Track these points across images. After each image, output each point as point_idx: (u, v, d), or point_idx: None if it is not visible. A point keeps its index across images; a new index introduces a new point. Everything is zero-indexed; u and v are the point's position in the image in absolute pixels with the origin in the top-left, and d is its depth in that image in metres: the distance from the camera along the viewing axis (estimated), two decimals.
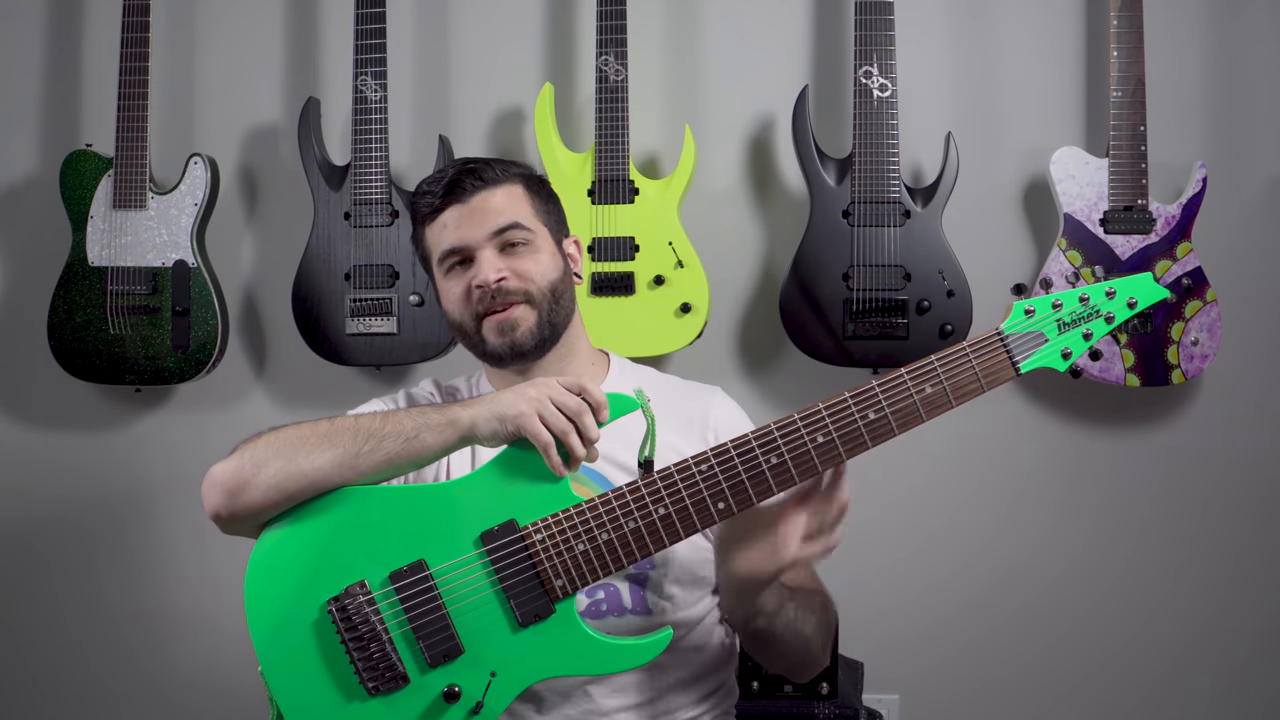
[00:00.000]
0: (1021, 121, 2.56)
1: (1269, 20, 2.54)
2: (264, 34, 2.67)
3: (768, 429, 1.51)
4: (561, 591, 1.50)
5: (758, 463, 1.51)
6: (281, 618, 1.53)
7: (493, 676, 1.50)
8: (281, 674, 1.52)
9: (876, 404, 1.51)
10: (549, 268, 1.72)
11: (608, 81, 2.43)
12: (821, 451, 1.50)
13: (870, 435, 1.51)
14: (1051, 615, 2.57)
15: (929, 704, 2.58)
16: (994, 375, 1.52)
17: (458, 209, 1.70)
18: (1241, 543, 2.56)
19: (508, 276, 1.68)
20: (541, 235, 1.73)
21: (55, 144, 2.68)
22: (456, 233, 1.70)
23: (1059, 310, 1.53)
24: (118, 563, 2.70)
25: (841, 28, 2.55)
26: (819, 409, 1.51)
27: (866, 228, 2.39)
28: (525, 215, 1.72)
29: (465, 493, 1.55)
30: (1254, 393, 2.55)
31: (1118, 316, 1.53)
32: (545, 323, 1.70)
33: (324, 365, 2.51)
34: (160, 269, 2.51)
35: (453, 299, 1.72)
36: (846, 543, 2.52)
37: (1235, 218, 2.52)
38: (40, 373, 2.63)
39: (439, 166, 2.49)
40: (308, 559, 1.54)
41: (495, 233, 1.69)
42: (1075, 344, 1.53)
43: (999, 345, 1.52)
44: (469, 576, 1.51)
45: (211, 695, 2.67)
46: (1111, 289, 1.53)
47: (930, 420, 1.51)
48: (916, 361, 1.52)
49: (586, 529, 1.51)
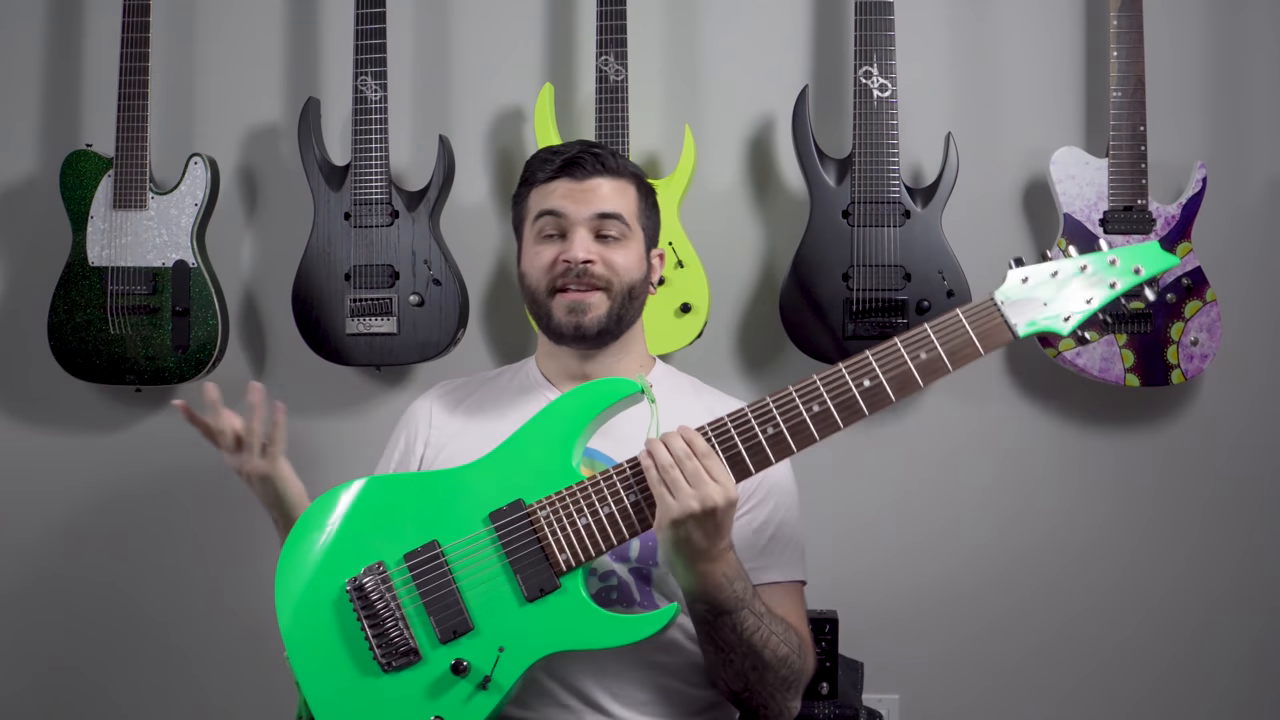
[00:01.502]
0: (1021, 121, 2.56)
1: (1269, 20, 2.54)
2: (264, 34, 2.67)
3: (763, 401, 1.53)
4: (566, 565, 1.54)
5: (754, 434, 1.52)
6: (304, 600, 1.59)
7: (500, 651, 1.53)
8: (303, 654, 1.58)
9: (871, 372, 1.51)
10: (634, 266, 1.76)
11: (608, 81, 2.43)
12: (818, 421, 1.51)
13: (867, 403, 1.51)
14: (1052, 615, 2.57)
15: (929, 704, 2.58)
16: (990, 339, 1.50)
17: (570, 183, 1.75)
18: (1241, 542, 2.56)
19: (596, 260, 1.72)
20: (636, 236, 1.78)
21: (55, 144, 2.68)
22: (562, 201, 1.74)
23: (1058, 278, 1.51)
24: (118, 563, 2.70)
25: (841, 28, 2.55)
26: (813, 380, 1.53)
27: (866, 228, 2.39)
28: (629, 212, 1.77)
29: (476, 476, 1.62)
30: (1254, 393, 2.55)
31: (1123, 284, 1.50)
32: (615, 316, 1.74)
33: (324, 365, 2.51)
34: (160, 269, 2.51)
35: (536, 264, 1.76)
36: (847, 543, 2.55)
37: (1235, 218, 2.52)
38: (40, 373, 2.63)
39: (439, 166, 2.49)
40: (330, 544, 1.61)
41: (598, 216, 1.74)
42: (1077, 308, 1.50)
43: (994, 310, 1.50)
44: (478, 554, 1.56)
45: (212, 694, 2.67)
46: (1114, 257, 1.51)
47: (927, 384, 1.50)
48: (910, 330, 1.52)
49: (589, 503, 1.55)
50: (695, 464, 1.49)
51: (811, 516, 1.76)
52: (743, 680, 1.62)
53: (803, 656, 1.66)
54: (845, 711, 2.17)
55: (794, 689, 1.66)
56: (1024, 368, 2.56)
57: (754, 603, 1.59)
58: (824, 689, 2.17)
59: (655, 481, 1.50)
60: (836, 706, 2.17)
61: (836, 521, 2.54)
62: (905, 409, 2.57)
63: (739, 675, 1.62)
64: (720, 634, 1.58)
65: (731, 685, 1.64)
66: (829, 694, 2.17)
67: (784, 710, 1.67)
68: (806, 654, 1.67)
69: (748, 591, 1.58)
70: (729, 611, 1.56)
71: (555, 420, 1.62)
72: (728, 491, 1.49)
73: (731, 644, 1.59)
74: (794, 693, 1.66)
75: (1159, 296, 2.36)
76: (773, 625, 1.60)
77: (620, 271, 1.74)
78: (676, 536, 1.50)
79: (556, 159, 1.76)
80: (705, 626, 1.59)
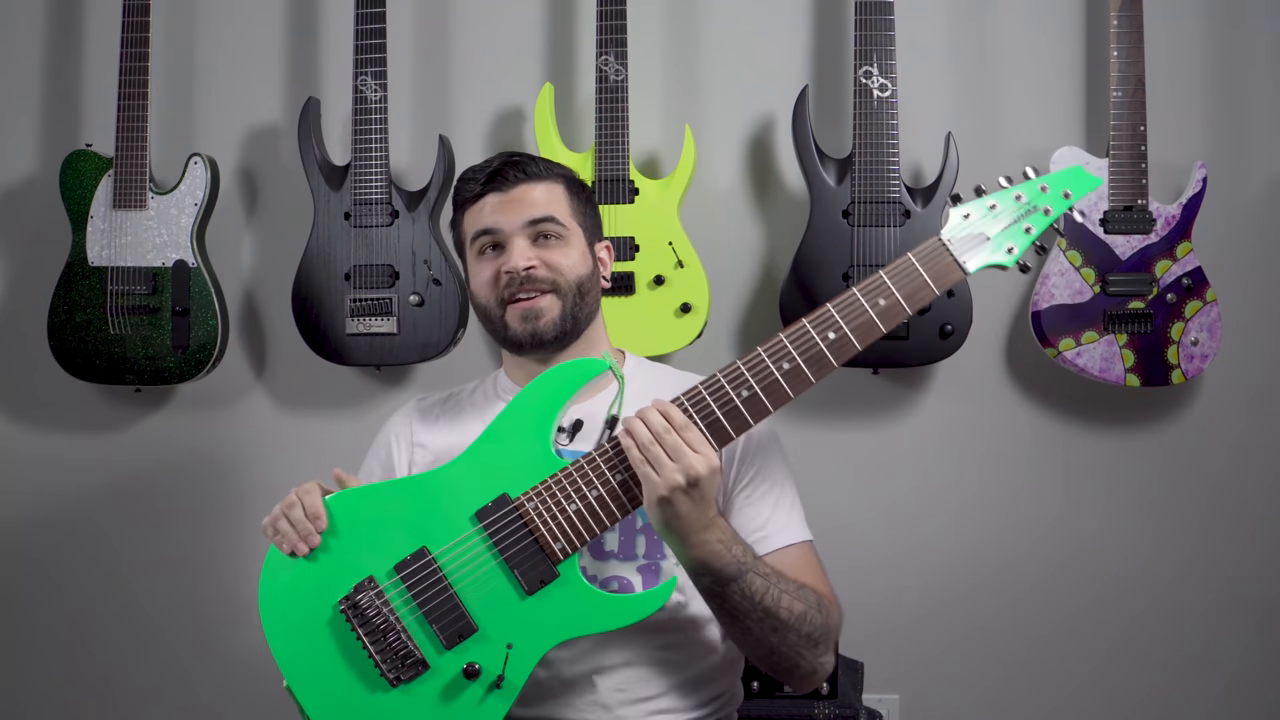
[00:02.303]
0: (1021, 121, 2.56)
1: (1269, 20, 2.54)
2: (264, 34, 2.67)
3: (734, 365, 1.55)
4: (562, 554, 1.54)
5: (730, 398, 1.54)
6: (297, 628, 1.56)
7: (509, 648, 1.53)
8: (306, 681, 1.56)
9: (834, 324, 1.55)
10: (578, 264, 1.76)
11: (608, 81, 2.43)
12: (790, 378, 1.54)
13: (834, 354, 1.54)
14: (1051, 615, 2.57)
15: (929, 704, 2.58)
16: (943, 278, 1.55)
17: (498, 196, 1.75)
18: (1241, 542, 2.56)
19: (537, 265, 1.72)
20: (575, 234, 1.78)
21: (55, 144, 2.68)
22: (493, 217, 1.75)
23: (996, 210, 1.56)
24: (118, 563, 2.70)
25: (841, 28, 2.55)
26: (780, 338, 1.55)
27: (866, 228, 2.39)
28: (562, 212, 1.77)
29: (454, 477, 1.60)
30: (1254, 393, 2.55)
31: (1055, 209, 1.57)
32: (569, 316, 1.74)
33: (324, 365, 2.51)
34: (160, 269, 2.51)
35: (481, 282, 1.76)
36: (846, 543, 2.54)
37: (1235, 218, 2.52)
38: (40, 373, 2.63)
39: (439, 166, 2.49)
40: (313, 566, 1.57)
41: (530, 223, 1.74)
42: (1018, 239, 1.56)
43: (943, 250, 1.55)
44: (471, 555, 1.55)
45: (214, 695, 2.68)
46: (1045, 184, 1.57)
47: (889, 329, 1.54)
48: (866, 279, 1.56)
49: (576, 489, 1.55)
50: (674, 438, 1.50)
51: (812, 516, 1.76)
52: (766, 645, 1.60)
53: (824, 611, 1.62)
54: (845, 711, 2.17)
55: (822, 644, 1.63)
56: (1024, 368, 2.56)
57: (757, 564, 1.58)
58: (824, 689, 2.17)
59: (638, 461, 1.51)
60: (836, 706, 2.17)
61: (836, 521, 2.53)
62: (905, 409, 2.57)
63: (760, 641, 1.60)
64: (730, 601, 1.57)
65: (756, 652, 1.63)
66: (829, 694, 2.17)
67: (816, 667, 1.64)
68: (829, 607, 1.64)
69: (748, 554, 1.57)
70: (733, 578, 1.55)
71: (526, 410, 1.60)
72: (710, 460, 1.50)
73: (745, 610, 1.57)
74: (823, 648, 1.64)
75: (1158, 296, 2.38)
76: (782, 584, 1.59)
77: (564, 270, 1.74)
78: (665, 513, 1.51)
79: (480, 175, 1.77)
80: (715, 599, 1.58)
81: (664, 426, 1.51)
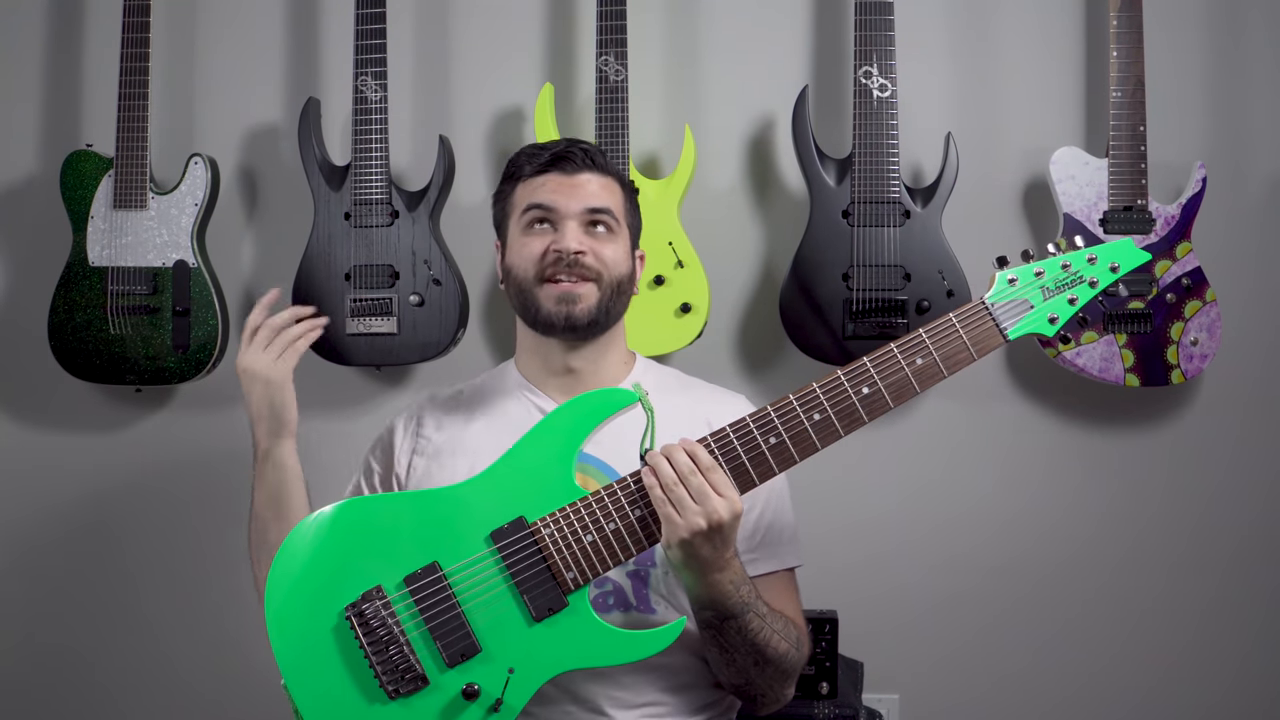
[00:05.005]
0: (1021, 121, 2.56)
1: (1268, 20, 2.54)
2: (264, 34, 2.67)
3: (764, 410, 1.54)
4: (573, 584, 1.53)
5: (757, 444, 1.53)
6: (302, 629, 1.55)
7: (510, 673, 1.52)
8: (304, 684, 1.54)
9: (869, 379, 1.54)
10: (623, 261, 1.77)
11: (608, 81, 2.43)
12: (819, 429, 1.53)
13: (866, 410, 1.54)
14: (1052, 615, 2.57)
15: (929, 704, 2.58)
16: (983, 343, 1.55)
17: (560, 177, 1.75)
18: (1241, 542, 2.56)
19: (588, 252, 1.72)
20: (623, 232, 1.79)
21: (55, 144, 2.68)
22: (553, 196, 1.74)
23: (1042, 278, 1.56)
24: (118, 563, 2.70)
25: (841, 28, 2.55)
26: (813, 388, 1.54)
27: (866, 228, 2.39)
28: (617, 208, 1.78)
29: (473, 494, 1.58)
30: (1254, 393, 2.55)
31: (1101, 281, 1.55)
32: (604, 309, 1.74)
33: (324, 365, 2.51)
34: (160, 269, 2.51)
35: (525, 255, 1.75)
36: (847, 543, 2.54)
37: (1235, 218, 2.52)
38: (40, 373, 2.63)
39: (439, 166, 2.49)
40: (323, 570, 1.57)
41: (589, 210, 1.75)
42: (1061, 309, 1.55)
43: (985, 314, 1.55)
44: (482, 575, 1.54)
45: (214, 696, 2.68)
46: (1093, 255, 1.56)
47: (924, 389, 1.54)
48: (904, 336, 1.55)
49: (594, 520, 1.54)
50: (700, 480, 1.49)
51: (812, 516, 1.77)
52: (744, 676, 1.64)
53: (800, 649, 1.68)
54: (845, 711, 2.17)
55: (791, 679, 1.69)
56: (1024, 368, 2.56)
57: (758, 604, 1.59)
58: (824, 689, 2.17)
59: (660, 500, 1.49)
60: (836, 706, 2.17)
61: (837, 521, 2.54)
62: (905, 409, 2.57)
63: (741, 672, 1.63)
64: (726, 637, 1.59)
65: (733, 681, 1.66)
66: (829, 694, 2.17)
67: (780, 698, 1.70)
68: (804, 644, 1.70)
69: (751, 594, 1.59)
70: (735, 616, 1.57)
71: (552, 435, 1.59)
72: (733, 506, 1.49)
73: (736, 645, 1.59)
74: (791, 682, 1.70)
75: (1158, 296, 2.38)
76: (774, 624, 1.62)
77: (610, 264, 1.74)
78: (684, 553, 1.51)
79: (545, 153, 1.77)
80: (711, 631, 1.60)
81: (689, 467, 1.49)
